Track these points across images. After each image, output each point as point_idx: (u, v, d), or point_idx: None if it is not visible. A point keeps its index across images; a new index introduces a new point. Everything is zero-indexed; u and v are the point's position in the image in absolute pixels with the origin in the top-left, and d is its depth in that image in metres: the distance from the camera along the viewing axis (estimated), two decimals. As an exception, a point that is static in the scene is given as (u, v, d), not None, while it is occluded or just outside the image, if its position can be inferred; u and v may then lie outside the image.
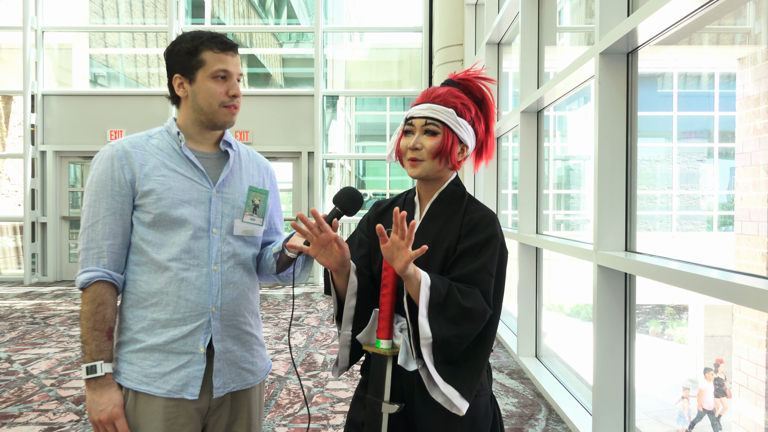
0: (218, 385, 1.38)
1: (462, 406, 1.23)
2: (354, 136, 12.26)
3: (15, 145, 9.02)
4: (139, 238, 1.35)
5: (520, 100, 4.36)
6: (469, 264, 1.26)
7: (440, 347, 1.21)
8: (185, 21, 8.58)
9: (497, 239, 1.29)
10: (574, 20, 4.74)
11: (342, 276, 1.32)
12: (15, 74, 8.67)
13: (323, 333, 5.11)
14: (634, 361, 2.64)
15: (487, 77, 1.42)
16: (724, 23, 3.15)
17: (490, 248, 1.28)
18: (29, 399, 3.38)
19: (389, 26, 9.79)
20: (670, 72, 4.44)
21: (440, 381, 1.22)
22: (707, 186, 4.57)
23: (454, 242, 1.30)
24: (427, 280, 1.20)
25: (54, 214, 8.19)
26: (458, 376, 1.24)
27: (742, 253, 3.05)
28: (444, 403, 1.23)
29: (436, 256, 1.31)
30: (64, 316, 5.85)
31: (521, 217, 4.32)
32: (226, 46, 1.37)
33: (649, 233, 4.93)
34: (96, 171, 1.34)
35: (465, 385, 1.25)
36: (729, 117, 3.82)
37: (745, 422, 3.32)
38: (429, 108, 1.32)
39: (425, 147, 1.31)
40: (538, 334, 4.29)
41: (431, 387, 1.23)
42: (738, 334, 3.38)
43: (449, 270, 1.29)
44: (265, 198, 1.48)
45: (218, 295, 1.38)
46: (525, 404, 3.39)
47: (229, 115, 1.40)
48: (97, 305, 1.31)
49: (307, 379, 3.78)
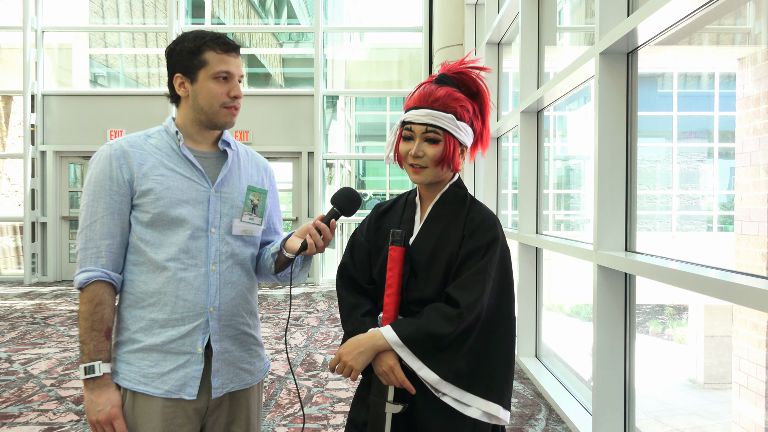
0: (216, 386, 1.38)
1: (506, 417, 1.26)
2: (354, 136, 12.26)
3: (15, 145, 9.03)
4: (137, 238, 1.35)
5: (520, 100, 4.35)
6: (471, 268, 1.27)
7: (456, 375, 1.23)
8: (185, 21, 8.58)
9: (499, 242, 1.30)
10: (574, 20, 4.74)
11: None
12: (15, 74, 8.68)
13: (323, 333, 5.11)
14: (634, 361, 2.64)
15: (481, 66, 1.40)
16: (724, 23, 3.14)
17: (491, 252, 1.28)
18: (29, 399, 3.37)
19: (389, 26, 9.78)
20: (670, 72, 4.44)
21: (482, 402, 1.23)
22: (707, 186, 4.56)
23: (458, 244, 1.30)
24: (396, 339, 1.23)
25: (54, 214, 8.19)
26: (495, 389, 1.25)
27: (742, 253, 3.05)
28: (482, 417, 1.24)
29: (440, 258, 1.31)
30: (64, 316, 5.85)
31: (521, 217, 4.32)
32: (228, 47, 1.37)
33: (649, 233, 4.93)
34: (94, 170, 1.34)
35: (505, 396, 1.27)
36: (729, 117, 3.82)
37: (745, 422, 3.32)
38: (429, 114, 1.30)
39: (427, 155, 1.30)
40: (538, 334, 4.29)
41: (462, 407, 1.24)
42: (738, 334, 3.38)
43: (454, 275, 1.29)
44: (263, 198, 1.48)
45: (216, 295, 1.38)
46: (525, 404, 3.39)
47: (230, 116, 1.39)
48: (95, 305, 1.30)
49: (307, 379, 3.77)
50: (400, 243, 1.30)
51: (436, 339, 1.22)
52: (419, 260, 1.32)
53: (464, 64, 1.38)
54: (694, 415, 4.99)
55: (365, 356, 1.26)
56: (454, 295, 1.24)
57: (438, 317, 1.23)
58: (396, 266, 1.31)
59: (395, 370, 1.25)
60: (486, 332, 1.26)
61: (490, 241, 1.28)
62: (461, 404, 1.23)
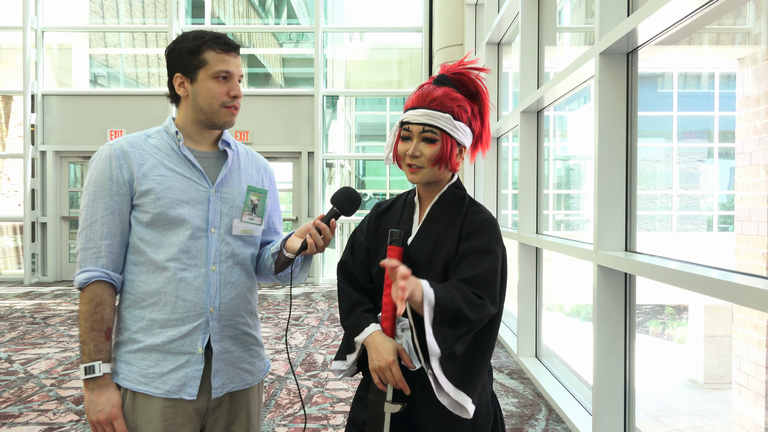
0: (217, 386, 1.38)
1: (471, 410, 1.24)
2: (354, 136, 12.26)
3: (15, 145, 9.03)
4: (137, 238, 1.35)
5: (520, 100, 4.35)
6: (476, 267, 1.26)
7: (448, 357, 1.22)
8: (185, 21, 8.58)
9: (499, 243, 1.30)
10: (574, 20, 4.74)
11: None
12: (15, 74, 8.68)
13: (323, 333, 5.11)
14: (634, 361, 2.64)
15: (481, 67, 1.40)
16: (724, 23, 3.15)
17: (493, 252, 1.28)
18: (29, 399, 3.37)
19: (389, 26, 9.78)
20: (670, 72, 4.44)
21: (451, 388, 1.22)
22: (707, 186, 4.56)
23: (455, 244, 1.30)
24: (431, 299, 1.18)
25: (54, 214, 8.19)
26: (467, 380, 1.24)
27: (742, 253, 3.05)
28: (449, 406, 1.23)
29: (438, 258, 1.31)
30: (64, 316, 5.85)
31: (521, 217, 4.32)
32: (228, 47, 1.37)
33: (649, 233, 4.93)
34: (94, 171, 1.34)
35: (475, 389, 1.25)
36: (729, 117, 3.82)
37: (745, 422, 3.32)
38: (426, 114, 1.30)
39: (424, 155, 1.30)
40: (538, 334, 4.29)
41: (438, 390, 1.23)
42: (738, 334, 3.38)
43: (452, 272, 1.29)
44: (263, 197, 1.48)
45: (216, 295, 1.38)
46: (525, 404, 3.39)
47: (230, 116, 1.39)
48: (96, 305, 1.30)
49: (307, 379, 3.78)
50: (399, 243, 1.30)
51: (460, 319, 1.20)
52: (418, 260, 1.33)
53: (463, 65, 1.38)
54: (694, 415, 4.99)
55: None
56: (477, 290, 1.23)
57: (471, 298, 1.22)
58: None
59: (393, 367, 1.24)
60: (482, 328, 1.28)
61: (491, 241, 1.29)
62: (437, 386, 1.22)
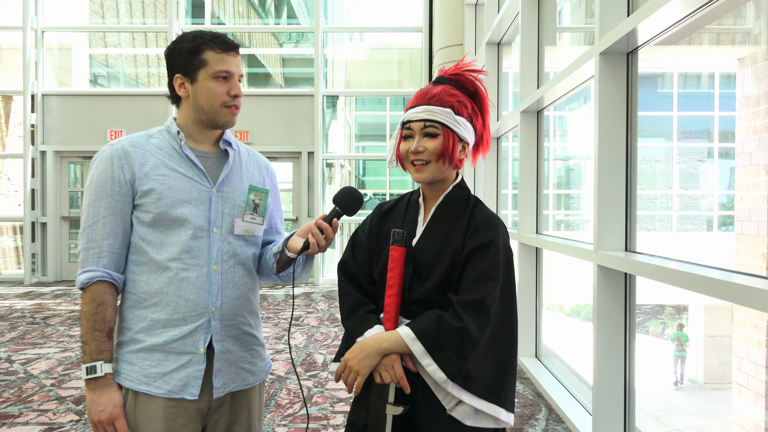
0: (218, 386, 1.38)
1: (508, 419, 1.25)
2: (354, 136, 12.26)
3: (15, 145, 9.03)
4: (139, 238, 1.35)
5: (520, 100, 4.36)
6: (472, 271, 1.26)
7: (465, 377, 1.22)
8: (185, 21, 8.58)
9: (499, 243, 1.28)
10: (574, 20, 4.74)
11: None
12: (15, 74, 8.68)
13: (323, 333, 5.11)
14: (634, 361, 2.64)
15: (478, 69, 1.40)
16: (724, 23, 3.15)
17: (491, 253, 1.26)
18: (29, 399, 3.37)
19: (389, 26, 9.78)
20: (670, 72, 4.44)
21: (484, 405, 1.22)
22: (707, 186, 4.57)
23: (461, 245, 1.29)
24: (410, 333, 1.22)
25: (54, 214, 8.19)
26: (496, 392, 1.24)
27: (742, 253, 3.05)
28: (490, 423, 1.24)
29: (443, 259, 1.30)
30: (64, 316, 5.85)
31: (521, 217, 4.32)
32: (228, 47, 1.37)
33: (649, 233, 4.94)
34: (96, 171, 1.34)
35: (508, 398, 1.26)
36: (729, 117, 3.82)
37: (745, 422, 3.32)
38: (426, 110, 1.30)
39: (428, 149, 1.30)
40: (538, 334, 4.29)
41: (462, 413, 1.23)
42: (738, 334, 3.38)
43: (459, 275, 1.28)
44: (265, 197, 1.48)
45: (218, 295, 1.38)
46: (525, 404, 3.39)
47: (230, 115, 1.40)
48: (97, 305, 1.30)
49: (307, 379, 3.78)
50: (401, 243, 1.30)
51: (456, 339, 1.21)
52: (423, 261, 1.32)
53: (460, 67, 1.39)
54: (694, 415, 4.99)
55: (371, 359, 1.25)
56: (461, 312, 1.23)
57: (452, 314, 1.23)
58: (397, 266, 1.30)
59: (395, 365, 1.24)
60: (491, 335, 1.26)
61: (489, 241, 1.27)
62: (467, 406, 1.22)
